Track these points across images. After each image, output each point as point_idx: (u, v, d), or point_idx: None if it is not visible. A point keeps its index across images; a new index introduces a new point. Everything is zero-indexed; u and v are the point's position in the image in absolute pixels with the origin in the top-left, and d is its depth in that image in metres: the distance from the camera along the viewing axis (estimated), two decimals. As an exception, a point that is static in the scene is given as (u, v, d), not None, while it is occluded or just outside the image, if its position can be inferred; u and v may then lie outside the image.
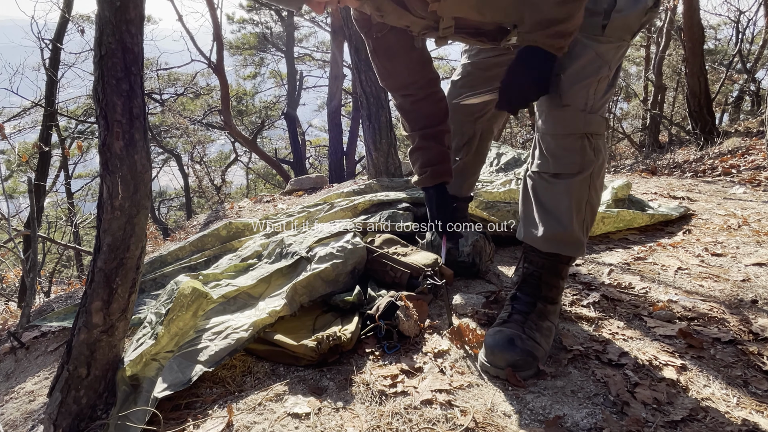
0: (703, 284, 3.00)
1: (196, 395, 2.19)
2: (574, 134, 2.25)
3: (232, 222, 4.19)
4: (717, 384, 2.08)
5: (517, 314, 2.35)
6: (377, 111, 6.04)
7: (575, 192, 2.28)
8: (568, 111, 2.24)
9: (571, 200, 2.28)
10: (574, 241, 2.34)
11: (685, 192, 5.39)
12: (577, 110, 2.24)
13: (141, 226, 2.13)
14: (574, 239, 2.34)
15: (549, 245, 2.35)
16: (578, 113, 2.24)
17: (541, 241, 2.36)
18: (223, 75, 14.59)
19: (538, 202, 2.36)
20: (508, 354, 2.17)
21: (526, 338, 2.22)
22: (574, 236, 2.33)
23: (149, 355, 2.32)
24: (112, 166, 2.01)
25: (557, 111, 2.26)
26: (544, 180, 2.33)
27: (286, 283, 2.82)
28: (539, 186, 2.36)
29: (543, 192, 2.34)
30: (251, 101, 27.20)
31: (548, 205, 2.33)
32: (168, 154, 25.79)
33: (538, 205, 2.36)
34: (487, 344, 2.24)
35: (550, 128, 2.29)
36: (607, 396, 2.02)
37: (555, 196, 2.30)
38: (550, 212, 2.32)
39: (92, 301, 2.10)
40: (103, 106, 1.97)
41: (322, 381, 2.22)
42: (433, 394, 2.04)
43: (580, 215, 2.32)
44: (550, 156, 2.30)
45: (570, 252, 2.38)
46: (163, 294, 2.69)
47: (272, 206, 6.52)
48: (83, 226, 18.96)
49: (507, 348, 2.18)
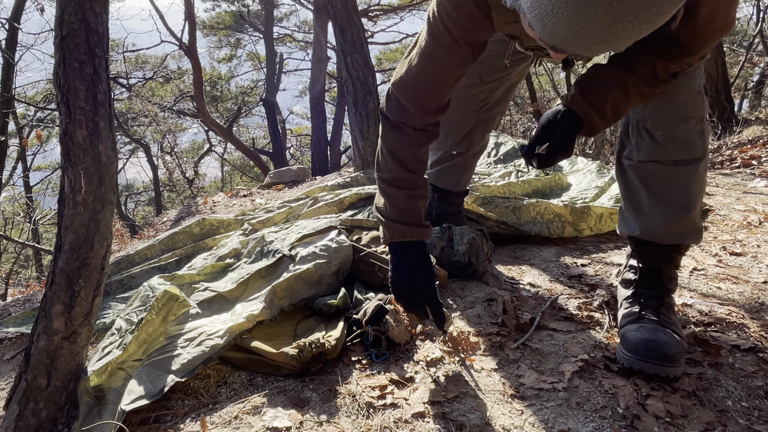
0: (720, 286, 3.00)
1: (166, 408, 2.19)
2: (694, 117, 2.28)
3: (205, 218, 4.19)
4: (736, 395, 2.09)
5: (648, 309, 2.36)
6: (364, 97, 6.03)
7: (698, 178, 2.32)
8: (686, 94, 2.27)
9: (694, 187, 2.32)
10: (697, 229, 2.40)
11: (701, 186, 5.36)
12: (694, 92, 2.27)
13: (106, 223, 2.13)
14: (697, 227, 2.39)
15: (672, 237, 2.39)
16: (696, 95, 2.27)
17: (662, 233, 2.39)
18: (196, 57, 14.57)
19: (653, 193, 2.38)
20: (664, 346, 2.16)
21: (670, 332, 2.23)
22: (697, 224, 2.38)
23: (115, 364, 2.31)
24: (75, 157, 2.01)
25: (675, 94, 2.27)
26: (661, 169, 2.34)
27: (265, 285, 2.80)
28: (654, 176, 2.37)
29: (660, 181, 2.36)
30: (227, 86, 27.16)
31: (668, 194, 2.35)
32: (135, 144, 25.74)
33: (654, 196, 2.38)
34: (633, 340, 2.23)
35: (666, 113, 2.29)
36: (615, 408, 2.01)
37: (677, 184, 2.33)
38: (671, 202, 2.35)
39: (53, 304, 2.09)
40: (64, 91, 1.97)
41: (304, 392, 2.22)
42: (425, 407, 2.04)
43: (700, 202, 2.37)
44: (668, 142, 2.30)
45: (694, 240, 2.43)
46: (135, 299, 2.68)
47: (249, 201, 6.52)
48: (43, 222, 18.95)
49: (659, 341, 2.18)
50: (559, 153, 2.20)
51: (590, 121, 2.15)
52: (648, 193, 2.39)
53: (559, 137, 2.18)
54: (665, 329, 2.23)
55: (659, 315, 2.31)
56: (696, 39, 1.97)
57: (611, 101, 2.13)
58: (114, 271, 3.68)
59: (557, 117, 2.21)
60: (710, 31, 1.94)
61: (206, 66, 26.07)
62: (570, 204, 3.89)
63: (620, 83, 2.11)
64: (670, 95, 2.25)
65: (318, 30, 16.37)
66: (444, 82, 2.29)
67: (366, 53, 6.03)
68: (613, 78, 2.13)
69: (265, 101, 22.32)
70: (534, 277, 3.18)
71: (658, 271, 2.43)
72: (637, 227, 2.45)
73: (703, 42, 1.99)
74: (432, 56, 2.23)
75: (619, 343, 2.31)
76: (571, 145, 2.23)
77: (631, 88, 2.12)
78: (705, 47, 2.02)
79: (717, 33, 1.96)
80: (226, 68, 27.50)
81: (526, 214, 3.82)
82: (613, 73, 2.14)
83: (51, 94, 20.04)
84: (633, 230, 2.48)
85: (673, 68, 2.07)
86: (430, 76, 2.28)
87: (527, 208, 3.83)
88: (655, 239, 2.41)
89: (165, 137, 25.50)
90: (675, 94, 2.25)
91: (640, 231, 2.44)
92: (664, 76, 2.08)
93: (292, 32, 26.16)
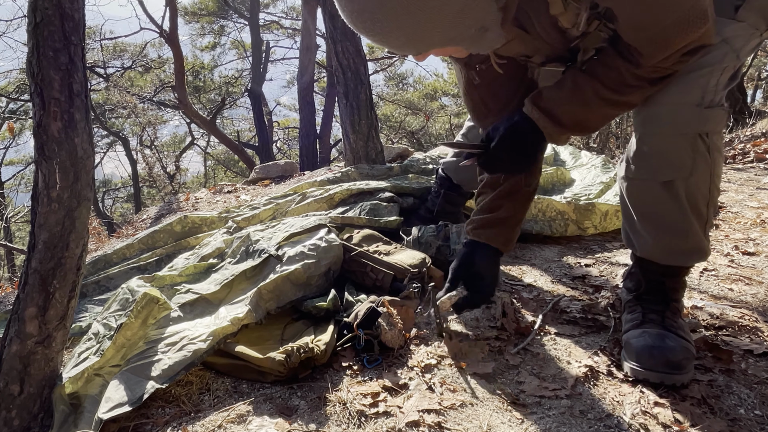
0: (732, 288, 3.01)
1: (146, 416, 2.19)
2: (685, 134, 2.13)
3: (187, 216, 4.19)
4: (749, 403, 2.09)
5: (653, 314, 2.35)
6: (356, 87, 6.02)
7: (691, 197, 2.18)
8: (678, 106, 2.12)
9: (686, 206, 2.19)
10: (698, 250, 2.30)
11: (712, 181, 5.36)
12: (690, 105, 2.12)
13: (82, 221, 2.13)
14: (698, 247, 2.29)
15: (669, 257, 2.33)
16: (692, 109, 2.11)
17: (657, 253, 2.34)
18: (178, 45, 14.56)
19: (642, 215, 2.31)
20: (669, 353, 2.15)
21: (675, 336, 2.22)
22: (698, 244, 2.28)
23: (92, 370, 2.31)
24: (49, 151, 2.01)
25: (663, 106, 2.14)
26: (646, 188, 2.25)
27: (251, 287, 2.80)
28: (639, 195, 2.30)
29: (644, 202, 2.29)
30: (210, 76, 27.12)
31: (659, 216, 2.27)
32: (113, 137, 25.72)
33: (642, 218, 2.31)
34: (636, 347, 2.23)
35: (655, 126, 2.18)
36: (621, 417, 2.02)
37: (666, 206, 2.22)
38: (664, 223, 2.27)
39: (26, 307, 2.09)
40: (38, 81, 1.97)
41: (291, 400, 2.22)
42: (420, 415, 2.04)
43: (701, 219, 2.24)
44: (653, 160, 2.20)
45: (697, 261, 2.38)
46: (113, 302, 2.68)
47: (234, 197, 6.51)
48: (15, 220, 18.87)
49: (664, 347, 2.17)
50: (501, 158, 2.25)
51: (544, 126, 2.17)
52: (638, 215, 2.33)
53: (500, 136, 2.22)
54: (670, 334, 2.23)
55: (664, 319, 2.31)
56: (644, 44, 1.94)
57: (567, 107, 2.14)
58: (91, 271, 3.68)
59: (506, 122, 2.24)
60: (653, 33, 1.89)
61: (188, 54, 26.00)
62: (573, 201, 3.89)
63: (578, 88, 2.11)
64: (658, 106, 2.14)
65: (307, 16, 16.34)
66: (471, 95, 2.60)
67: (357, 41, 6.02)
68: (571, 81, 2.13)
69: (251, 92, 22.25)
70: (535, 278, 3.19)
71: (661, 283, 2.41)
72: (635, 246, 2.42)
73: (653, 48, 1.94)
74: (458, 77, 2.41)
75: (623, 350, 2.32)
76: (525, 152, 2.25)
77: (591, 95, 2.10)
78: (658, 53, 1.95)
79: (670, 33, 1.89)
80: (210, 57, 27.48)
81: (527, 212, 3.82)
82: (575, 77, 2.14)
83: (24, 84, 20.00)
84: (631, 247, 2.46)
85: (643, 73, 2.02)
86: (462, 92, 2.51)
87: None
88: (654, 259, 2.36)
89: (144, 130, 25.51)
90: (663, 105, 2.13)
91: (639, 252, 2.41)
92: (633, 81, 2.04)
93: (280, 19, 26.14)
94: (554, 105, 2.14)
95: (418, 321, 2.74)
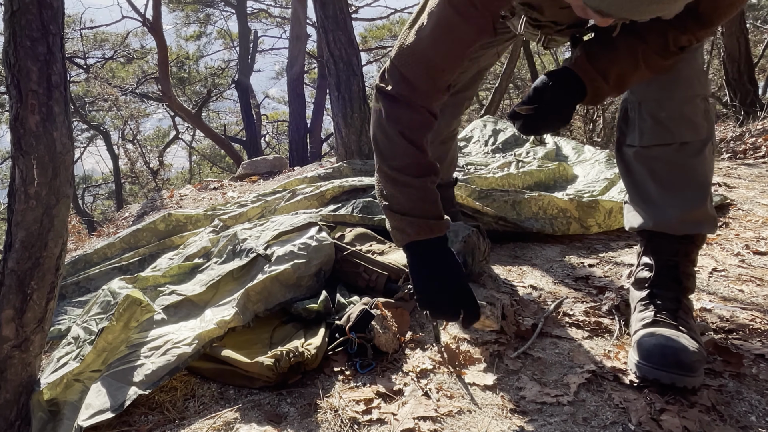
0: (743, 289, 3.00)
1: (128, 423, 2.19)
2: (699, 96, 2.32)
3: (171, 213, 4.18)
4: (760, 410, 2.09)
5: (665, 312, 2.35)
6: (348, 78, 6.02)
7: (707, 160, 2.35)
8: (695, 71, 2.31)
9: (704, 170, 2.35)
10: (711, 218, 2.41)
11: (722, 177, 5.39)
12: (699, 69, 2.32)
13: (61, 219, 2.13)
14: (711, 215, 2.41)
15: (687, 226, 2.39)
16: (700, 73, 2.32)
17: (676, 223, 2.39)
18: (161, 35, 14.55)
19: (662, 182, 2.40)
20: (682, 354, 2.14)
21: (688, 337, 2.21)
22: (710, 212, 2.40)
23: (72, 375, 2.31)
24: (26, 146, 2.00)
25: (681, 70, 2.30)
26: (668, 153, 2.35)
27: (238, 288, 2.79)
28: (660, 162, 2.39)
29: (668, 168, 2.38)
30: (195, 67, 27.07)
31: (679, 182, 2.37)
32: (94, 131, 25.65)
33: (663, 186, 2.40)
34: (647, 346, 2.22)
35: (673, 91, 2.31)
36: (626, 425, 2.01)
37: (687, 169, 2.35)
38: (684, 189, 2.36)
39: (2, 309, 2.09)
40: (15, 72, 1.97)
41: (281, 406, 2.22)
42: (415, 423, 2.03)
43: (711, 187, 2.39)
44: (673, 123, 2.32)
45: (710, 230, 2.45)
46: (93, 304, 2.67)
47: (220, 194, 6.52)
48: (-10, 218, 18.84)
49: (677, 347, 2.15)
50: (550, 117, 2.24)
51: (595, 86, 2.19)
52: (656, 183, 2.40)
53: (549, 97, 2.21)
54: (683, 334, 2.21)
55: (677, 319, 2.30)
56: (715, 8, 2.02)
57: (618, 68, 2.17)
58: (70, 272, 3.68)
59: (554, 78, 2.23)
60: (729, 2, 1.98)
61: (172, 44, 25.97)
62: (576, 198, 3.90)
63: (631, 50, 2.15)
64: (676, 72, 2.28)
65: (296, 4, 16.36)
66: (461, 55, 2.26)
67: (350, 30, 6.03)
68: (624, 43, 2.16)
69: (238, 83, 22.25)
70: (536, 279, 3.19)
71: (674, 267, 2.43)
72: (648, 219, 2.45)
73: (722, 12, 2.04)
74: (448, 24, 2.17)
75: (632, 350, 2.31)
76: (567, 111, 2.25)
77: (641, 57, 2.15)
78: (722, 18, 2.08)
79: (738, 2, 2.01)
80: (195, 47, 27.44)
81: (528, 209, 3.82)
82: (626, 39, 2.16)
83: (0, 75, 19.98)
84: (644, 223, 2.48)
85: (683, 40, 2.11)
86: (445, 46, 2.22)
87: (528, 203, 3.84)
88: (670, 230, 2.41)
89: (127, 124, 25.45)
90: (681, 70, 2.28)
91: (652, 223, 2.44)
92: (673, 47, 2.13)
93: (268, 7, 26.10)
94: (609, 66, 2.18)
95: (414, 324, 2.73)
